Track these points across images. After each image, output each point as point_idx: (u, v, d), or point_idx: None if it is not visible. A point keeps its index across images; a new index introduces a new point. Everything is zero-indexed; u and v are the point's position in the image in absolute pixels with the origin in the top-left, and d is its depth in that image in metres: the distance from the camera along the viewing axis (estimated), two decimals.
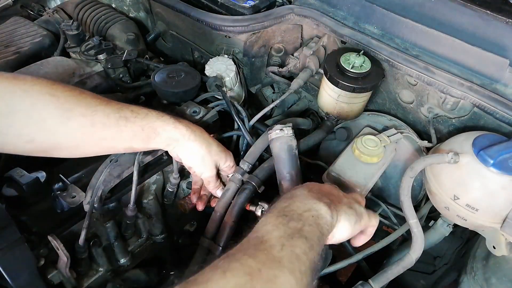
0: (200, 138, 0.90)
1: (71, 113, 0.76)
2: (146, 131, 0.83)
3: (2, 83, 0.72)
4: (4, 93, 0.71)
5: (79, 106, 0.77)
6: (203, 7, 1.26)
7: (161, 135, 0.85)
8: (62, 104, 0.76)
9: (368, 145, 1.02)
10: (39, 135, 0.75)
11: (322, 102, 1.15)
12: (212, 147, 0.94)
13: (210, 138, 0.95)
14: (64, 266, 0.87)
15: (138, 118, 0.82)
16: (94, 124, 0.78)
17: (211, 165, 0.94)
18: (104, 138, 0.81)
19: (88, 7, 1.51)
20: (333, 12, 1.14)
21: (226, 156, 0.98)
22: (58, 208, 0.88)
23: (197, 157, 0.91)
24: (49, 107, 0.75)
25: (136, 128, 0.82)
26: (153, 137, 0.84)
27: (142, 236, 1.09)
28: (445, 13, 1.00)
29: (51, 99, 0.75)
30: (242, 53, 1.27)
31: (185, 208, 1.07)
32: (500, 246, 0.86)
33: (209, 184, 0.99)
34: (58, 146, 0.80)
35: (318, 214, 0.67)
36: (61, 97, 0.76)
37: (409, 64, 0.99)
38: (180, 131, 0.87)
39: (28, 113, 0.73)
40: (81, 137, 0.79)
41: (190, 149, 0.90)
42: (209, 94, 1.16)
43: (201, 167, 0.94)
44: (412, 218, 0.86)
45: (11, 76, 0.74)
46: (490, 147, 0.83)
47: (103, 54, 1.22)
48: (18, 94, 0.73)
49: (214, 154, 0.94)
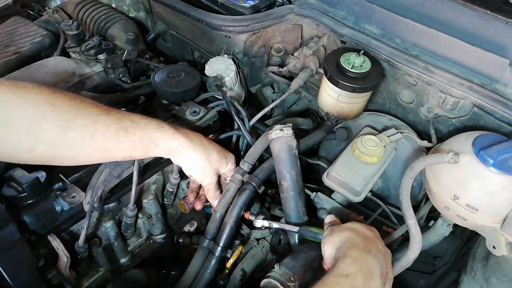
0: (199, 147, 0.90)
1: (71, 124, 0.75)
2: (145, 141, 0.83)
3: (2, 91, 0.71)
4: (3, 101, 0.70)
5: (79, 117, 0.76)
6: (203, 7, 1.26)
7: (160, 145, 0.85)
8: (62, 114, 0.75)
9: (368, 145, 1.02)
10: (38, 145, 0.74)
11: (322, 102, 1.15)
12: (212, 155, 0.93)
13: (210, 145, 0.94)
14: (64, 266, 0.87)
15: (138, 129, 0.82)
16: (94, 135, 0.77)
17: (211, 172, 0.95)
18: (104, 148, 0.80)
19: (88, 7, 1.51)
20: (333, 12, 1.14)
21: (227, 161, 0.98)
22: (58, 208, 0.88)
23: (196, 165, 0.92)
24: (49, 117, 0.73)
25: (136, 138, 0.82)
26: (152, 147, 0.85)
27: (142, 236, 1.09)
28: (445, 13, 1.00)
29: (52, 109, 0.74)
30: (242, 53, 1.27)
31: (185, 208, 1.08)
32: (500, 246, 0.86)
33: (209, 192, 1.00)
34: (57, 156, 0.79)
35: None
36: (62, 107, 0.75)
37: (409, 64, 0.99)
38: (179, 141, 0.87)
39: (27, 123, 0.72)
40: (80, 148, 0.78)
41: (189, 158, 0.90)
42: (209, 94, 1.16)
43: (201, 175, 0.94)
44: (410, 219, 0.86)
45: (11, 83, 0.73)
46: (490, 147, 0.83)
47: (103, 54, 1.22)
48: (17, 103, 0.71)
49: (214, 162, 0.94)
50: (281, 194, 1.00)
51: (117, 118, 0.81)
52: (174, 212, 1.17)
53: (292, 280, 0.84)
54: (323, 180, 1.04)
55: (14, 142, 0.72)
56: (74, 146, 0.77)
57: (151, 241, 1.11)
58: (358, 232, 0.78)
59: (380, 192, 1.20)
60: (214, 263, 0.97)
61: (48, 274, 0.89)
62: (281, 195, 1.00)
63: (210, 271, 0.97)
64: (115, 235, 1.00)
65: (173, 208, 1.16)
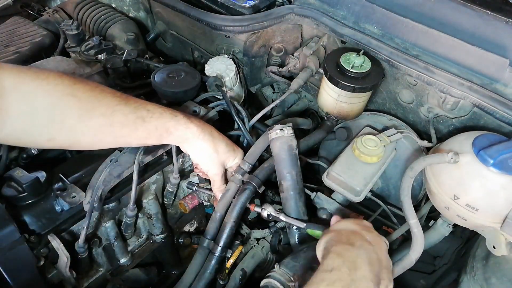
0: (209, 137, 0.94)
1: (91, 113, 0.80)
2: (160, 130, 0.88)
3: (25, 82, 0.73)
4: (27, 93, 0.73)
5: (99, 106, 0.80)
6: (203, 7, 1.26)
7: (173, 134, 0.90)
8: (83, 104, 0.78)
9: (368, 145, 1.02)
10: (60, 134, 0.78)
11: (322, 102, 1.15)
12: (220, 146, 0.96)
13: (220, 137, 0.97)
14: (64, 266, 0.87)
15: (154, 118, 0.86)
16: (113, 124, 0.82)
17: (217, 163, 0.97)
18: (122, 136, 0.85)
19: (88, 7, 1.51)
20: (333, 12, 1.14)
21: (235, 155, 1.00)
22: (58, 208, 0.88)
23: (205, 154, 0.95)
24: (70, 108, 0.77)
25: (151, 127, 0.86)
26: (166, 136, 0.89)
27: (142, 236, 1.09)
28: (445, 13, 1.00)
29: (73, 100, 0.77)
30: (242, 53, 1.27)
31: (185, 208, 1.08)
32: (500, 246, 0.86)
33: (214, 183, 1.01)
34: (77, 143, 0.83)
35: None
36: (83, 97, 0.78)
37: (409, 64, 0.99)
38: (191, 130, 0.91)
39: (50, 114, 0.75)
40: (100, 135, 0.83)
41: (198, 147, 0.93)
42: (209, 94, 1.16)
43: (208, 164, 0.97)
44: (412, 218, 0.86)
45: (34, 73, 0.75)
46: (490, 147, 0.83)
47: (103, 54, 1.22)
48: (41, 95, 0.74)
49: (222, 153, 0.97)
50: (281, 194, 1.00)
51: (134, 108, 0.85)
52: (174, 212, 1.17)
53: (292, 280, 0.84)
54: (323, 180, 1.04)
55: (37, 132, 0.76)
56: (93, 133, 0.82)
57: (151, 241, 1.11)
58: (341, 230, 0.80)
59: (380, 192, 1.20)
60: (214, 263, 0.97)
61: (48, 274, 0.89)
62: (281, 195, 1.00)
63: (210, 271, 0.97)
64: (115, 235, 1.00)
65: (173, 208, 1.16)
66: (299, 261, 0.89)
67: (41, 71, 0.76)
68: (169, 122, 0.88)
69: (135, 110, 0.84)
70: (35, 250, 0.84)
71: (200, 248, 1.00)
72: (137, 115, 0.84)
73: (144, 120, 0.85)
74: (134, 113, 0.84)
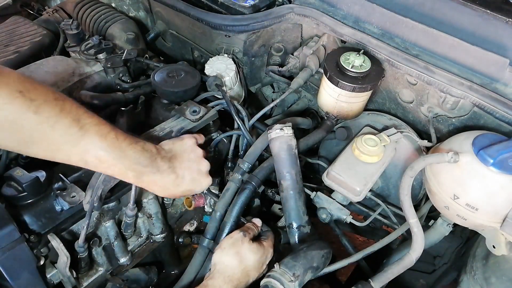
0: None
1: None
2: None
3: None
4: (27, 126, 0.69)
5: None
6: (203, 6, 1.26)
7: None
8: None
9: (368, 144, 1.02)
10: (56, 154, 0.76)
11: (322, 102, 1.15)
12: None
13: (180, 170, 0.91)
14: (64, 266, 0.87)
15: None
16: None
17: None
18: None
19: (87, 6, 1.51)
20: (333, 12, 1.14)
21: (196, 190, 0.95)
22: (58, 208, 0.88)
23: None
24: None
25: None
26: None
27: (142, 236, 1.09)
28: (445, 13, 1.00)
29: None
30: (242, 53, 1.27)
31: (190, 204, 1.08)
32: (500, 246, 0.86)
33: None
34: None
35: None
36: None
37: (409, 63, 0.99)
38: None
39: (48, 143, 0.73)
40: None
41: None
42: (209, 94, 1.16)
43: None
44: (412, 218, 0.86)
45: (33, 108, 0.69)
46: (490, 146, 0.83)
47: (103, 54, 1.22)
48: (44, 128, 0.71)
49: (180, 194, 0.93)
50: (281, 194, 1.00)
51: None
52: (174, 211, 1.17)
53: (292, 280, 0.84)
54: (323, 179, 1.04)
55: (32, 153, 0.74)
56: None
57: (151, 240, 1.11)
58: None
59: (380, 192, 1.20)
60: None
61: (48, 274, 0.89)
62: (281, 195, 1.00)
63: None
64: (115, 234, 1.00)
65: (173, 207, 1.16)
66: (299, 260, 0.89)
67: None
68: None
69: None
70: (35, 250, 0.84)
71: (200, 247, 1.00)
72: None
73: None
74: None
